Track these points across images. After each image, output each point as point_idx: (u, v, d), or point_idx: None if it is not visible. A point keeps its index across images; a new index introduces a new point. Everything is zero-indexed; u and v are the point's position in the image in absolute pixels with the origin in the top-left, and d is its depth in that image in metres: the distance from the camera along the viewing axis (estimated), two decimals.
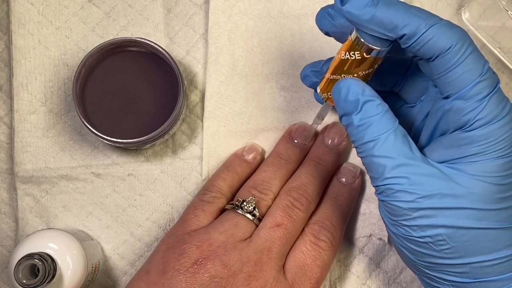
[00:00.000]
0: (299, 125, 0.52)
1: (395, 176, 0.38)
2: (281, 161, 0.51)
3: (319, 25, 0.43)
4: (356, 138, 0.39)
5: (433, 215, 0.37)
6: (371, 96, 0.39)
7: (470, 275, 0.39)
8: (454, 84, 0.37)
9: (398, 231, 0.39)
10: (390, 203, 0.38)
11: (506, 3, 0.53)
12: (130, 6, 0.54)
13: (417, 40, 0.37)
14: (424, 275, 0.42)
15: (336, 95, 0.40)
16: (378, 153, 0.38)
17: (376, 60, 0.40)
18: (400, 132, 0.39)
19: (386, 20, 0.37)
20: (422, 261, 0.40)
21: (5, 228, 0.53)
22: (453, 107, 0.38)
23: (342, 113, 0.40)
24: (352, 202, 0.52)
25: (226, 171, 0.51)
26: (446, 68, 0.37)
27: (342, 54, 0.41)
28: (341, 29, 0.42)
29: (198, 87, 0.54)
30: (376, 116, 0.38)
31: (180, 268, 0.44)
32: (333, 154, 0.52)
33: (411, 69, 0.46)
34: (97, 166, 0.53)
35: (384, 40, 0.39)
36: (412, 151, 0.38)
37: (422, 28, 0.37)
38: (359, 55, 0.40)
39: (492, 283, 0.39)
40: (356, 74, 0.41)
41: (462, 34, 0.37)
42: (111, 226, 0.53)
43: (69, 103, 0.53)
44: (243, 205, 0.47)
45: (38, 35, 0.53)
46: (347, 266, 0.53)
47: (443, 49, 0.37)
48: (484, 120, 0.37)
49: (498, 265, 0.38)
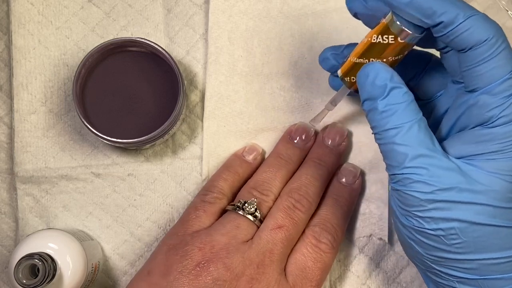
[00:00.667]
0: (299, 126, 0.52)
1: (415, 166, 0.37)
2: (281, 162, 0.51)
3: (349, 5, 0.43)
4: (378, 124, 0.39)
5: (448, 208, 0.37)
6: (399, 83, 0.38)
7: (477, 272, 0.39)
8: (483, 78, 0.37)
9: (409, 222, 0.39)
10: (406, 192, 0.38)
11: (506, 3, 0.53)
12: (130, 6, 0.54)
13: (453, 29, 0.37)
14: (429, 270, 0.41)
15: (363, 78, 0.39)
16: (400, 141, 0.38)
17: (407, 46, 0.40)
18: (423, 123, 0.38)
19: (425, 5, 0.37)
20: (431, 255, 0.40)
21: (5, 228, 0.53)
22: (478, 102, 0.38)
23: (367, 97, 0.39)
24: (352, 203, 0.52)
25: (227, 171, 0.51)
26: (478, 61, 0.37)
27: (374, 37, 0.40)
28: (372, 11, 0.41)
29: (198, 87, 0.54)
30: (402, 104, 0.38)
31: (183, 270, 0.44)
32: (334, 155, 0.52)
33: (430, 64, 0.45)
34: (97, 166, 0.53)
35: (419, 27, 0.38)
36: (433, 143, 0.38)
37: (460, 17, 0.36)
38: (392, 39, 0.39)
39: (497, 281, 0.39)
40: (385, 59, 0.40)
41: (498, 29, 0.37)
42: (111, 226, 0.53)
43: (69, 103, 0.53)
44: (245, 207, 0.47)
45: (38, 35, 0.53)
46: (347, 266, 0.53)
47: (478, 41, 0.37)
48: (508, 117, 0.37)
49: (506, 264, 0.38)
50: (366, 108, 0.39)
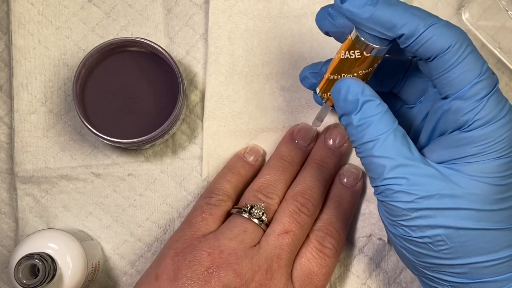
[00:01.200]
0: (301, 127, 0.52)
1: (394, 177, 0.38)
2: (284, 164, 0.50)
3: (319, 24, 0.43)
4: (355, 138, 0.39)
5: (431, 216, 0.37)
6: (370, 96, 0.39)
7: (469, 276, 0.39)
8: (452, 84, 0.37)
9: (397, 231, 0.39)
10: (389, 203, 0.38)
11: (506, 3, 0.53)
12: (130, 6, 0.54)
13: (415, 40, 0.37)
14: (423, 276, 0.42)
15: (336, 94, 0.40)
16: (377, 153, 0.38)
17: (375, 59, 0.40)
18: (399, 133, 0.39)
19: (385, 19, 0.37)
20: (421, 261, 0.40)
21: (5, 228, 0.53)
22: (452, 107, 0.38)
23: (342, 113, 0.40)
24: (354, 205, 0.52)
25: (231, 173, 0.50)
26: (445, 68, 0.37)
27: (342, 54, 0.41)
28: (341, 29, 0.42)
29: (198, 87, 0.54)
30: (376, 116, 0.38)
31: (192, 276, 0.44)
32: (335, 157, 0.52)
33: (410, 70, 0.46)
34: (97, 166, 0.53)
35: (384, 39, 0.39)
36: (411, 151, 0.38)
37: (420, 28, 0.37)
38: (358, 54, 0.40)
39: (490, 284, 0.39)
40: (355, 73, 0.41)
41: (461, 34, 0.37)
42: (111, 226, 0.53)
43: (69, 103, 0.53)
44: (252, 211, 0.47)
45: (38, 35, 0.53)
46: (347, 266, 0.53)
47: (441, 49, 0.37)
48: (483, 120, 0.37)
49: (497, 266, 0.38)
50: (343, 123, 0.40)
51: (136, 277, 0.53)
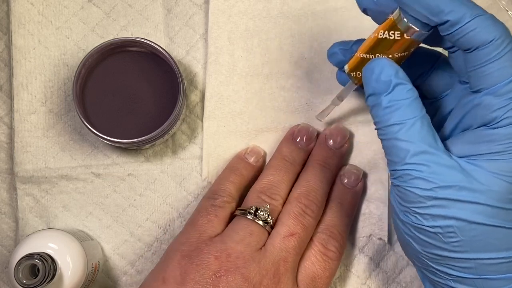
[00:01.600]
0: (302, 127, 0.52)
1: (416, 163, 0.37)
2: (286, 164, 0.50)
3: (359, 0, 0.42)
4: (381, 119, 0.39)
5: (447, 206, 0.37)
6: (403, 79, 0.38)
7: (474, 271, 0.39)
8: (487, 78, 0.37)
9: (408, 218, 0.39)
10: (406, 188, 0.38)
11: (506, 3, 0.53)
12: (130, 6, 0.54)
13: (459, 29, 0.37)
14: (426, 269, 0.41)
15: (368, 73, 0.39)
16: (402, 137, 0.38)
17: (413, 43, 0.40)
18: (426, 121, 0.38)
19: (432, 3, 0.37)
20: (428, 252, 0.40)
21: (5, 228, 0.53)
22: (483, 102, 0.38)
23: (371, 92, 0.39)
24: (355, 206, 0.52)
25: (233, 174, 0.50)
26: (483, 62, 0.37)
27: (380, 33, 0.40)
28: (381, 7, 0.41)
29: (198, 87, 0.54)
30: (406, 100, 0.38)
31: (200, 280, 0.43)
32: (337, 157, 0.52)
33: (438, 63, 0.45)
34: (97, 166, 0.53)
35: (426, 24, 0.38)
36: (436, 141, 0.38)
37: (467, 17, 0.36)
38: (398, 35, 0.39)
39: (494, 281, 0.39)
40: (391, 55, 0.40)
41: (505, 30, 0.37)
42: (111, 226, 0.53)
43: (69, 103, 0.53)
44: (258, 213, 0.47)
45: (38, 35, 0.53)
46: (347, 266, 0.53)
47: (484, 41, 0.37)
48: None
49: (503, 264, 0.38)
50: (370, 103, 0.39)
51: (136, 277, 0.53)
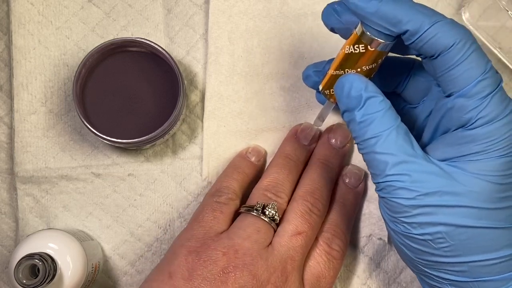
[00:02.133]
0: (305, 126, 0.52)
1: (397, 173, 0.38)
2: (290, 163, 0.50)
3: (325, 21, 0.43)
4: (357, 134, 0.39)
5: (433, 213, 0.37)
6: (374, 92, 0.39)
7: (468, 274, 0.39)
8: (456, 82, 0.37)
9: (397, 228, 0.39)
10: (391, 200, 0.38)
11: (506, 3, 0.53)
12: (130, 6, 0.54)
13: (420, 37, 0.37)
14: (422, 274, 0.42)
15: (339, 90, 0.40)
16: (380, 149, 0.38)
17: (380, 54, 0.40)
18: (402, 130, 0.39)
19: (390, 15, 0.38)
20: (421, 259, 0.40)
21: (5, 228, 0.53)
22: (455, 105, 0.38)
23: (344, 109, 0.40)
24: (357, 206, 0.52)
25: (237, 172, 0.50)
26: (449, 66, 0.37)
27: (346, 48, 0.41)
28: (346, 25, 0.42)
29: (198, 87, 0.54)
30: (379, 112, 0.38)
31: (208, 276, 0.43)
32: (340, 156, 0.52)
33: (413, 70, 0.46)
34: (97, 166, 0.53)
35: (388, 35, 0.39)
36: (413, 148, 0.38)
37: (425, 25, 0.37)
38: (363, 48, 0.40)
39: (490, 283, 0.39)
40: (359, 69, 0.41)
41: (465, 32, 0.37)
42: (111, 226, 0.53)
43: (69, 103, 0.53)
44: (265, 210, 0.47)
45: (38, 35, 0.53)
46: (347, 266, 0.53)
47: (445, 46, 0.37)
48: (486, 118, 0.37)
49: (496, 265, 0.38)
50: (345, 119, 0.40)
51: (136, 277, 0.53)
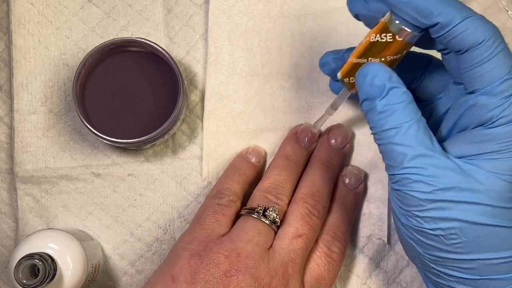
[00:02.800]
0: (305, 127, 0.52)
1: (415, 166, 0.37)
2: (290, 164, 0.50)
3: (350, 6, 0.43)
4: (376, 124, 0.38)
5: (448, 208, 0.37)
6: (397, 83, 0.38)
7: (477, 272, 0.39)
8: (481, 79, 0.37)
9: (409, 222, 0.39)
10: (406, 192, 0.38)
11: (506, 3, 0.53)
12: (130, 6, 0.54)
13: (450, 31, 0.37)
14: (428, 270, 0.41)
15: (361, 78, 0.39)
16: (399, 141, 0.38)
17: (406, 45, 0.40)
18: (422, 123, 0.38)
19: (422, 5, 0.37)
20: (430, 254, 0.40)
21: (5, 228, 0.53)
22: (478, 103, 0.38)
23: (365, 98, 0.39)
24: (356, 207, 0.52)
25: (237, 174, 0.50)
26: (476, 62, 0.37)
27: (372, 37, 0.40)
28: (372, 12, 0.41)
29: (198, 87, 0.54)
30: (401, 104, 0.38)
31: (210, 279, 0.43)
32: (340, 157, 0.52)
33: (430, 67, 0.45)
34: (97, 166, 0.53)
35: (417, 26, 0.38)
36: (433, 143, 0.38)
37: (456, 18, 0.37)
38: (390, 37, 0.39)
39: (498, 281, 0.38)
40: (383, 58, 0.40)
41: (495, 30, 0.37)
42: (111, 226, 0.53)
43: (69, 103, 0.53)
44: (267, 213, 0.47)
45: (38, 35, 0.53)
46: (347, 266, 0.53)
47: (475, 42, 0.37)
48: (508, 118, 0.37)
49: (506, 264, 0.38)
50: (364, 108, 0.39)
51: (136, 277, 0.53)
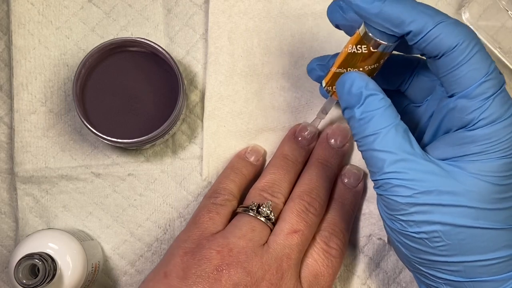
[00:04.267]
0: (303, 126, 0.52)
1: (394, 171, 0.38)
2: (288, 163, 0.50)
3: (330, 17, 0.43)
4: (357, 131, 0.39)
5: (429, 211, 0.37)
6: (374, 90, 0.39)
7: (464, 274, 0.39)
8: (459, 82, 0.37)
9: (394, 225, 0.39)
10: (388, 197, 0.38)
11: (506, 3, 0.53)
12: (130, 6, 0.54)
13: (423, 38, 0.37)
14: (418, 272, 0.42)
15: (340, 87, 0.40)
16: (378, 147, 0.38)
17: (382, 55, 0.40)
18: (401, 128, 0.39)
19: (393, 16, 0.38)
20: (416, 257, 0.40)
21: (5, 228, 0.53)
22: (458, 106, 0.38)
23: (345, 106, 0.40)
24: (356, 206, 0.52)
25: (234, 173, 0.50)
26: (452, 67, 0.37)
27: (349, 48, 0.41)
28: (351, 22, 0.42)
29: (198, 87, 0.54)
30: (378, 110, 0.38)
31: (202, 274, 0.43)
32: (339, 156, 0.52)
33: (418, 69, 0.46)
34: (97, 166, 0.53)
35: (392, 36, 0.39)
36: (412, 147, 0.38)
37: (429, 25, 0.37)
38: (366, 49, 0.40)
39: (485, 284, 0.39)
40: (361, 68, 0.41)
41: (469, 33, 0.37)
42: (111, 226, 0.53)
43: (69, 103, 0.53)
44: (260, 209, 0.47)
45: (38, 35, 0.53)
46: (347, 266, 0.53)
47: (449, 47, 0.37)
48: (488, 119, 0.37)
49: (492, 266, 0.38)
50: (346, 116, 0.40)
51: (136, 277, 0.53)
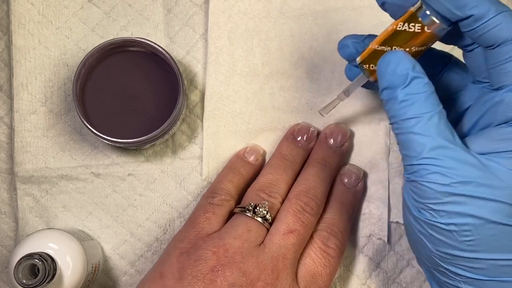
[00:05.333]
0: (302, 126, 0.52)
1: (434, 157, 0.36)
2: (286, 163, 0.50)
3: None
4: (396, 113, 0.38)
5: (464, 203, 0.36)
6: (421, 73, 0.37)
7: (485, 272, 0.38)
8: (510, 75, 0.37)
9: (421, 215, 0.38)
10: (422, 183, 0.37)
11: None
12: (130, 6, 0.54)
13: (483, 24, 0.36)
14: (435, 268, 0.40)
15: (384, 66, 0.38)
16: (419, 131, 0.37)
17: (433, 37, 0.39)
18: (443, 116, 0.37)
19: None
20: (439, 251, 0.38)
21: (5, 228, 0.53)
22: (505, 99, 0.37)
23: (386, 86, 0.38)
24: (355, 206, 0.52)
25: (232, 173, 0.50)
26: (506, 58, 0.36)
27: (400, 25, 0.39)
28: (400, 1, 0.40)
29: (198, 87, 0.54)
30: (423, 94, 0.37)
31: (197, 274, 0.43)
32: (337, 156, 0.51)
33: (449, 65, 0.45)
34: (97, 166, 0.53)
35: (448, 19, 0.38)
36: (453, 136, 0.37)
37: (491, 12, 0.36)
38: (419, 28, 0.39)
39: (505, 284, 0.38)
40: (408, 48, 0.39)
41: None
42: (111, 226, 0.53)
43: (69, 103, 0.53)
44: (256, 210, 0.47)
45: (38, 35, 0.53)
46: (347, 266, 0.53)
47: (507, 38, 0.36)
48: None
49: None
50: (385, 97, 0.38)
51: (136, 277, 0.53)
